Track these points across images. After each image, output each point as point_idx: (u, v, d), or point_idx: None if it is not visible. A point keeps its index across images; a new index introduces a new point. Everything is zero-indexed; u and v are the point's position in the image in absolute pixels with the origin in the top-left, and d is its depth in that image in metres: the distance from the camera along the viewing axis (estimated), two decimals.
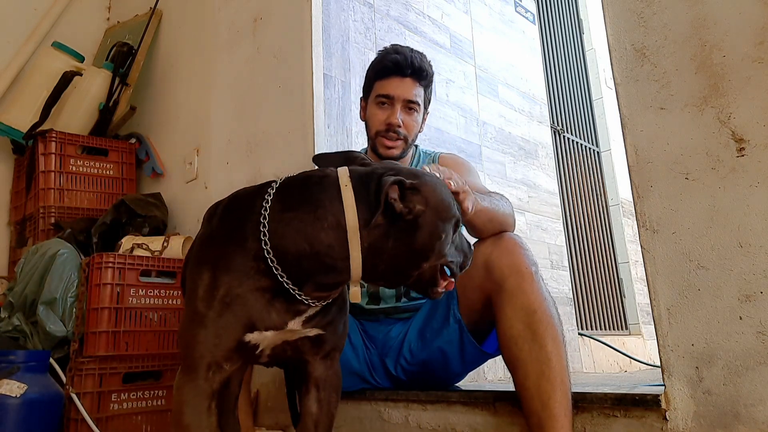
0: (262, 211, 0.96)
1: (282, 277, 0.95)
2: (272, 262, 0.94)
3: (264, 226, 0.95)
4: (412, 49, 1.61)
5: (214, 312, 0.97)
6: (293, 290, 0.96)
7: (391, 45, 1.65)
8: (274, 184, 1.00)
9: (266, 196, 0.97)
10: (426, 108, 1.65)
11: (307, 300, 0.98)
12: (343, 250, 0.93)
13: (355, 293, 0.99)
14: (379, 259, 0.95)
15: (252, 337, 1.00)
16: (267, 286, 0.97)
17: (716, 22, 1.09)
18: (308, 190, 0.97)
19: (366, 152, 1.71)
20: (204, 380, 0.99)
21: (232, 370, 1.02)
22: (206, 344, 0.98)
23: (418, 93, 1.58)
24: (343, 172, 0.97)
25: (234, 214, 1.01)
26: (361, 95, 1.69)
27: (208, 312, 0.97)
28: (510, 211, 1.32)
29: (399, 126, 1.55)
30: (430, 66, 1.61)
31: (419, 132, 1.64)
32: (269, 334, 1.01)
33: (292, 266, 0.95)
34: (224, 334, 0.98)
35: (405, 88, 1.56)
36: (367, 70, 1.65)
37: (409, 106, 1.57)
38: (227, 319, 0.97)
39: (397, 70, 1.56)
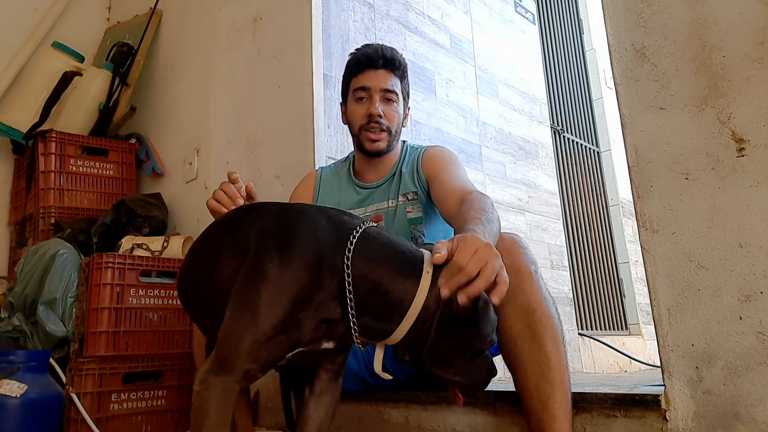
0: (347, 251, 1.02)
1: (352, 315, 1.02)
2: (351, 300, 1.01)
3: (348, 266, 1.01)
4: (381, 44, 1.63)
5: (273, 330, 1.00)
6: (355, 328, 1.03)
7: (363, 45, 1.67)
8: (360, 227, 1.06)
9: (351, 237, 1.04)
10: (406, 101, 1.65)
11: (358, 342, 1.05)
12: (401, 313, 1.01)
13: (378, 358, 1.08)
14: (417, 339, 1.02)
15: (292, 353, 1.05)
16: (331, 318, 1.03)
17: (716, 22, 1.09)
18: (398, 253, 1.05)
19: (354, 157, 1.71)
20: (237, 383, 1.01)
21: (259, 377, 1.05)
22: (253, 353, 1.00)
23: (394, 83, 1.59)
24: (428, 258, 1.03)
25: (309, 246, 1.04)
26: (340, 101, 1.70)
27: (266, 328, 0.99)
28: (496, 222, 1.25)
29: (380, 116, 1.56)
30: (402, 58, 1.63)
31: (403, 126, 1.64)
32: (305, 348, 1.05)
33: (359, 307, 1.02)
34: (274, 350, 1.02)
35: (380, 78, 1.57)
36: (343, 74, 1.67)
37: (387, 96, 1.58)
38: (280, 339, 1.01)
39: (370, 63, 1.58)
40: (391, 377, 1.12)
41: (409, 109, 1.68)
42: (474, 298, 0.95)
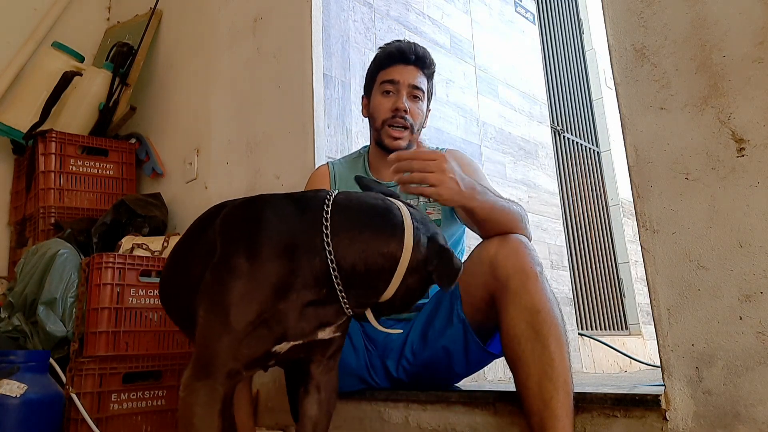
0: (324, 228, 1.00)
1: (341, 291, 1.00)
2: (338, 284, 0.99)
3: (328, 244, 0.99)
4: (413, 42, 1.63)
5: (251, 326, 0.97)
6: (345, 304, 1.02)
7: (393, 40, 1.66)
8: (328, 200, 1.03)
9: (324, 214, 1.01)
10: (429, 101, 1.65)
11: (349, 312, 1.04)
12: (388, 278, 1.00)
13: (370, 317, 1.08)
14: (403, 292, 1.03)
15: (279, 347, 1.02)
16: (316, 299, 1.01)
17: (716, 22, 1.09)
18: (375, 216, 1.03)
19: (367, 151, 1.70)
20: (221, 385, 0.99)
21: (246, 376, 1.03)
22: (232, 352, 0.98)
23: (422, 81, 1.58)
24: (407, 214, 1.04)
25: (279, 233, 1.01)
26: (363, 93, 1.69)
27: (243, 325, 0.97)
28: (520, 214, 1.31)
29: (406, 111, 1.54)
30: (432, 58, 1.62)
31: (423, 126, 1.64)
32: (300, 341, 1.03)
33: (346, 282, 1.00)
34: (255, 346, 0.99)
35: (409, 73, 1.56)
36: (369, 66, 1.65)
37: (414, 93, 1.57)
38: (262, 333, 0.98)
39: (401, 57, 1.57)
40: (400, 330, 1.16)
41: (429, 110, 1.67)
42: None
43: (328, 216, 1.01)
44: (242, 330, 0.97)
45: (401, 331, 1.14)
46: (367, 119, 1.68)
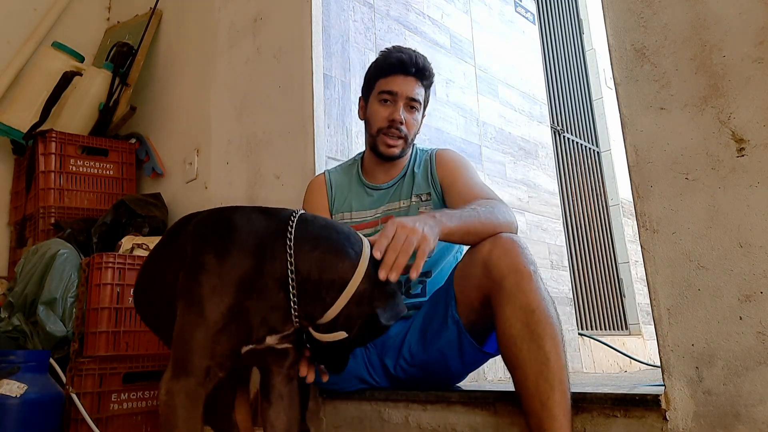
0: (288, 234, 1.04)
1: (293, 296, 1.03)
2: (293, 288, 1.02)
3: (290, 248, 1.03)
4: (414, 50, 1.63)
5: (223, 320, 1.00)
6: (295, 312, 1.04)
7: (393, 45, 1.67)
8: (295, 214, 1.08)
9: (290, 222, 1.06)
10: (425, 108, 1.66)
11: (296, 323, 1.05)
12: (336, 295, 1.03)
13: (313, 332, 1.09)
14: (344, 318, 1.05)
15: (246, 348, 1.05)
16: (274, 306, 1.03)
17: (716, 22, 1.09)
18: (337, 236, 1.07)
19: (362, 157, 1.71)
20: (200, 386, 1.01)
21: (221, 377, 1.05)
22: (208, 347, 1.00)
23: (419, 92, 1.60)
24: (366, 245, 1.08)
25: (246, 235, 1.05)
26: (360, 95, 1.70)
27: (216, 317, 1.00)
28: (499, 218, 1.29)
29: (401, 123, 1.56)
30: (432, 68, 1.63)
31: (417, 133, 1.65)
32: (251, 346, 1.06)
33: (300, 288, 1.03)
34: (227, 343, 1.02)
35: (408, 85, 1.57)
36: (369, 69, 1.66)
37: (411, 104, 1.58)
38: (231, 329, 1.01)
39: (402, 68, 1.57)
40: (345, 334, 1.12)
41: (424, 117, 1.68)
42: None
43: (293, 225, 1.05)
44: (215, 322, 1.00)
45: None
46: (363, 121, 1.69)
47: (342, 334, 1.05)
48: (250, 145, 2.27)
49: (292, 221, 1.06)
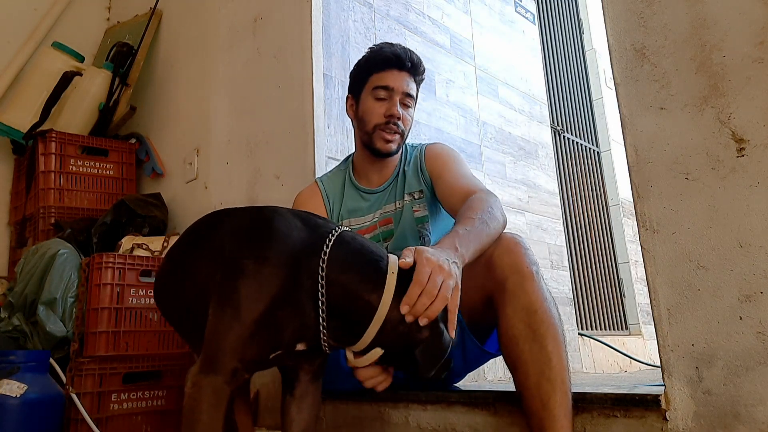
0: (321, 261, 1.04)
1: (323, 325, 1.04)
2: (322, 311, 1.03)
3: (323, 278, 1.03)
4: (406, 47, 1.62)
5: (255, 326, 1.01)
6: (324, 336, 1.05)
7: (383, 42, 1.65)
8: (335, 231, 1.09)
9: (327, 241, 1.06)
10: (415, 105, 1.65)
11: (325, 345, 1.07)
12: (366, 322, 1.03)
13: (348, 355, 1.11)
14: (383, 345, 1.06)
15: (274, 354, 1.06)
16: (305, 321, 1.04)
17: (716, 22, 1.09)
18: (366, 260, 1.07)
19: (351, 160, 1.69)
20: (226, 384, 1.02)
21: (247, 378, 1.07)
22: (239, 349, 1.01)
23: (413, 88, 1.59)
24: (394, 262, 1.05)
25: (285, 245, 1.06)
26: (348, 93, 1.66)
27: (248, 323, 1.01)
28: (500, 220, 1.27)
29: (399, 118, 1.55)
30: (424, 66, 1.62)
31: (410, 130, 1.64)
32: (280, 352, 1.07)
33: (329, 317, 1.04)
34: (257, 350, 1.03)
35: (403, 80, 1.56)
36: (358, 66, 1.63)
37: (406, 101, 1.57)
38: (262, 337, 1.02)
39: (397, 63, 1.56)
40: (382, 351, 1.11)
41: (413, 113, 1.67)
42: (432, 320, 1.02)
43: (330, 244, 1.06)
44: (247, 327, 1.01)
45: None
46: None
47: (378, 352, 1.06)
48: (250, 145, 2.27)
49: (330, 239, 1.06)
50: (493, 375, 2.25)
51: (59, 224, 2.41)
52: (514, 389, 1.19)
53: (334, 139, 2.09)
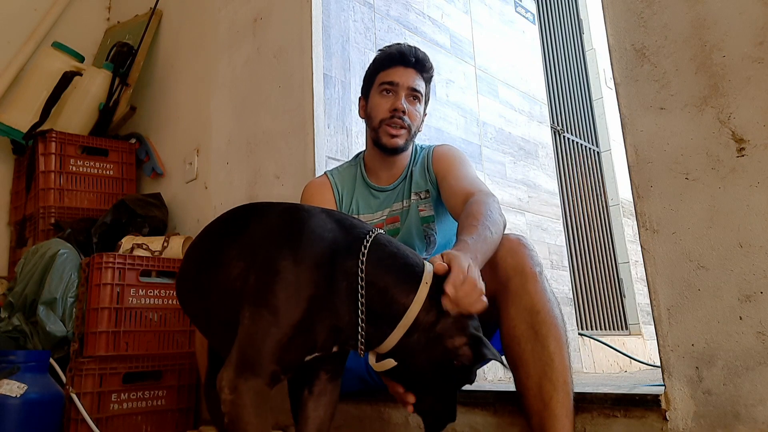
0: (361, 257, 1.04)
1: (362, 327, 1.03)
2: (362, 305, 1.02)
3: (362, 270, 1.02)
4: (413, 45, 1.63)
5: (293, 330, 1.00)
6: (361, 339, 1.04)
7: (392, 43, 1.67)
8: (372, 233, 1.08)
9: (363, 249, 1.05)
10: (426, 105, 1.65)
11: (361, 347, 1.05)
12: (393, 323, 1.02)
13: (372, 360, 1.09)
14: (406, 350, 1.04)
15: (310, 357, 1.06)
16: (342, 326, 1.04)
17: (716, 22, 1.09)
18: (402, 263, 1.06)
19: (363, 156, 1.70)
20: (267, 385, 1.01)
21: (284, 379, 1.06)
22: (278, 352, 1.01)
23: (420, 84, 1.59)
24: (429, 270, 1.04)
25: (320, 247, 1.05)
26: (360, 95, 1.69)
27: (287, 328, 1.00)
28: (500, 223, 1.27)
29: (404, 111, 1.55)
30: (432, 63, 1.63)
31: (419, 130, 1.64)
32: (317, 354, 1.07)
33: (368, 312, 1.04)
34: (295, 354, 1.03)
35: (408, 76, 1.57)
36: (368, 68, 1.65)
37: (413, 95, 1.58)
38: (299, 341, 1.02)
39: (402, 59, 1.57)
40: (395, 363, 1.10)
41: (426, 114, 1.67)
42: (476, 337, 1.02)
43: (368, 245, 1.05)
44: (287, 333, 1.00)
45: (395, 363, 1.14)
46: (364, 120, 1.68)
47: (390, 362, 1.05)
48: (250, 145, 2.27)
49: (367, 241, 1.05)
50: (493, 375, 2.25)
51: (59, 224, 2.41)
52: (514, 389, 1.19)
53: (334, 139, 2.09)
